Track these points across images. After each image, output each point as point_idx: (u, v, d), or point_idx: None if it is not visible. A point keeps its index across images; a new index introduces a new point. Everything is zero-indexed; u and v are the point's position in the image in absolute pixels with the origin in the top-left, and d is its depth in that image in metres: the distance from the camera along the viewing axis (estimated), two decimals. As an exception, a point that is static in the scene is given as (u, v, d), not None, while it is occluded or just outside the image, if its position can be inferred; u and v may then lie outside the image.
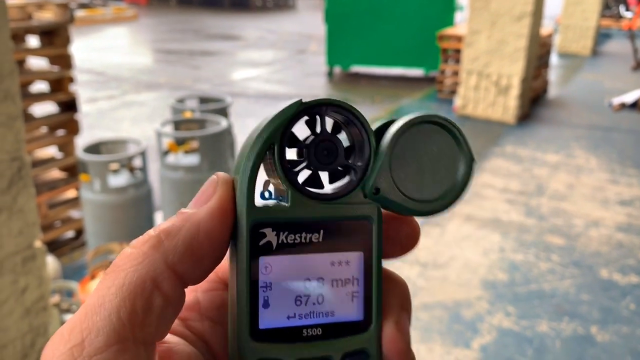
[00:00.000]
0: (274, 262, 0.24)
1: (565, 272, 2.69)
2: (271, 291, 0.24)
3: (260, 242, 0.24)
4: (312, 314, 0.25)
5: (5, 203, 1.15)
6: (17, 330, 1.25)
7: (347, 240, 0.25)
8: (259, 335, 0.24)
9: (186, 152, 2.15)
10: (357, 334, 0.25)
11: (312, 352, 0.24)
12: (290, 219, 0.24)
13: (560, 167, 3.96)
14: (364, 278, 0.25)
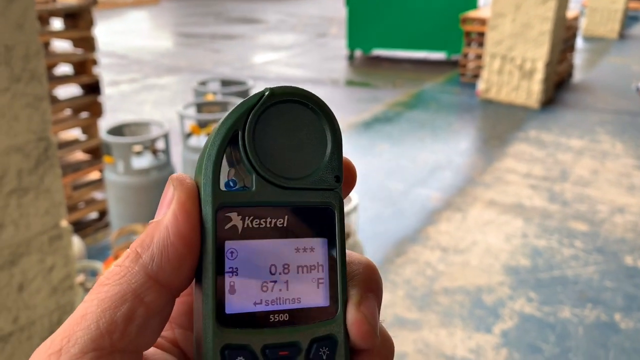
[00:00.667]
0: (240, 247, 0.24)
1: (589, 258, 2.66)
2: (237, 277, 0.24)
3: (226, 226, 0.24)
4: (278, 300, 0.25)
5: (32, 183, 1.16)
6: (45, 308, 1.27)
7: (311, 227, 0.25)
8: (225, 321, 0.24)
9: (208, 134, 2.15)
10: (324, 320, 0.25)
11: (280, 338, 0.24)
12: (255, 202, 0.25)
13: (584, 153, 3.90)
14: (329, 264, 0.26)
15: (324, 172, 0.26)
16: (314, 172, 0.26)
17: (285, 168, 0.25)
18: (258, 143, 0.25)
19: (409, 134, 4.30)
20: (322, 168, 0.26)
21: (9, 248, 1.16)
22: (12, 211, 1.14)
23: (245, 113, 0.24)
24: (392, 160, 3.77)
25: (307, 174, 0.26)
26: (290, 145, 0.25)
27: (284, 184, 0.25)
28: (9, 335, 1.22)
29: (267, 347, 0.24)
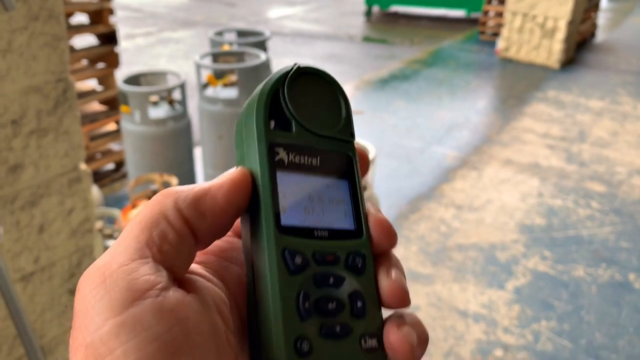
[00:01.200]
0: (287, 177, 0.29)
1: (605, 219, 2.64)
2: (286, 199, 0.29)
3: (276, 158, 0.29)
4: (318, 221, 0.30)
5: (51, 124, 1.16)
6: (65, 250, 1.29)
7: (337, 169, 0.31)
8: (282, 230, 0.28)
9: (225, 85, 2.13)
10: (354, 239, 0.30)
11: (324, 247, 0.29)
12: (296, 143, 0.30)
13: (604, 114, 3.83)
14: (352, 200, 0.31)
15: (344, 128, 0.32)
16: (336, 127, 0.32)
17: (315, 120, 0.31)
18: (294, 99, 0.31)
19: (426, 92, 4.24)
20: (342, 125, 0.32)
21: (29, 189, 1.17)
22: (31, 152, 1.15)
23: (283, 76, 0.31)
24: (409, 118, 3.73)
25: (332, 127, 0.31)
26: (316, 104, 0.31)
27: (316, 132, 0.31)
28: (30, 275, 1.24)
29: (316, 253, 0.29)
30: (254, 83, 2.10)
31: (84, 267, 1.35)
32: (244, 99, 2.09)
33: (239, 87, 2.07)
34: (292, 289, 0.27)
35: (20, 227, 1.18)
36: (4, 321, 1.20)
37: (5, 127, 1.09)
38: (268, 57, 2.25)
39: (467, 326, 2.00)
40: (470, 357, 1.87)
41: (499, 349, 1.90)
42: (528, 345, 1.92)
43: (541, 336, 1.96)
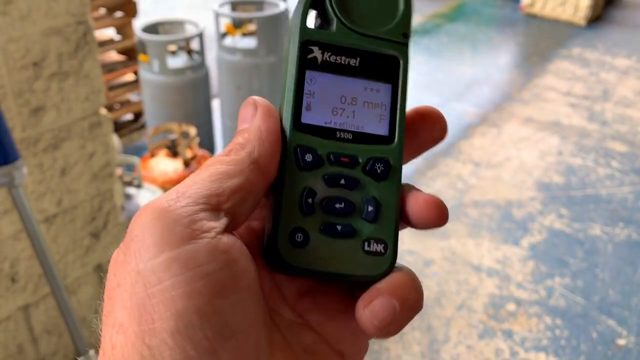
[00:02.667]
0: (318, 77, 0.29)
1: (625, 178, 2.62)
2: (313, 99, 0.29)
3: (308, 56, 0.29)
4: (345, 123, 0.29)
5: (72, 67, 1.17)
6: (86, 193, 1.31)
7: (379, 72, 0.30)
8: (300, 127, 0.29)
9: (244, 34, 2.11)
10: (381, 145, 0.30)
11: (343, 149, 0.29)
12: (334, 41, 0.29)
13: (630, 73, 3.74)
14: (391, 105, 0.30)
15: (395, 28, 0.30)
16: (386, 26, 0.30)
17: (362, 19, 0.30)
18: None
19: (447, 47, 4.17)
20: (393, 24, 0.30)
21: (51, 132, 1.19)
22: (53, 95, 1.16)
23: None
24: (429, 74, 3.68)
25: (381, 27, 0.30)
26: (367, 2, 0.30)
27: (360, 31, 0.30)
28: (53, 216, 1.27)
29: (331, 153, 0.29)
30: (273, 32, 2.07)
31: (104, 211, 1.37)
32: (263, 49, 2.07)
33: (258, 36, 2.05)
34: (299, 184, 0.28)
35: (43, 170, 1.20)
36: (29, 260, 1.24)
37: (27, 69, 1.10)
38: (287, 5, 2.22)
39: (481, 280, 2.02)
40: (482, 311, 1.89)
41: (512, 304, 1.92)
42: (541, 300, 1.94)
43: (554, 292, 1.97)
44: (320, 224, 0.28)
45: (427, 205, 0.29)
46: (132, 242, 0.24)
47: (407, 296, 0.27)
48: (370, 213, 0.29)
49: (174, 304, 0.23)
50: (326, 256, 0.28)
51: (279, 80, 2.16)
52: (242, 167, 0.27)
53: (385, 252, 0.29)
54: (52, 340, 1.37)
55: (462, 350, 1.75)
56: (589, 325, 1.84)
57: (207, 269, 0.23)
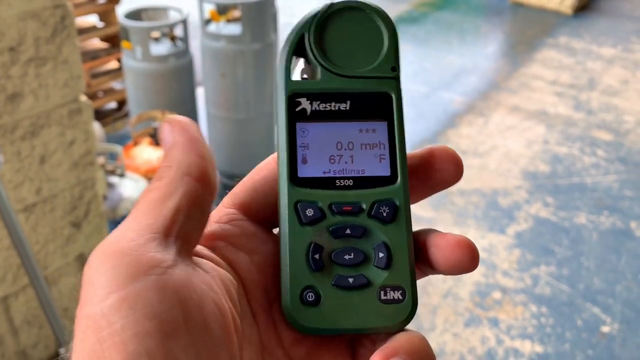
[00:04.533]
0: (310, 128, 0.29)
1: (610, 167, 2.63)
2: (308, 150, 0.29)
3: (297, 109, 0.29)
4: (344, 170, 0.29)
5: (49, 52, 1.14)
6: (66, 182, 1.29)
7: (372, 111, 0.29)
8: (297, 182, 0.28)
9: (228, 21, 2.08)
10: (384, 186, 0.29)
11: (344, 198, 0.28)
12: (320, 89, 0.29)
13: (615, 62, 3.75)
14: (389, 143, 0.29)
15: (382, 63, 0.30)
16: (372, 63, 0.30)
17: (347, 61, 0.29)
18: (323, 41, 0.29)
19: (434, 36, 4.15)
20: (380, 60, 0.30)
21: (29, 119, 1.16)
22: (30, 81, 1.13)
23: (310, 19, 0.30)
24: (416, 63, 3.66)
25: (366, 65, 0.30)
26: (350, 42, 0.30)
27: (346, 73, 0.29)
28: (32, 205, 1.24)
29: (333, 204, 0.28)
30: (258, 19, 2.05)
31: (85, 200, 1.35)
32: (248, 36, 2.04)
33: (242, 23, 2.02)
34: (303, 240, 0.28)
35: (21, 158, 1.17)
36: (8, 250, 1.21)
37: (2, 54, 1.07)
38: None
39: (467, 269, 2.02)
40: (468, 299, 1.89)
41: (498, 292, 1.93)
42: (526, 288, 1.94)
43: (540, 280, 1.98)
44: (332, 279, 0.27)
45: (460, 246, 0.27)
46: (83, 288, 0.23)
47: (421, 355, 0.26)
48: (382, 259, 0.28)
49: (124, 347, 0.22)
50: (341, 311, 0.27)
51: (263, 67, 2.13)
52: (175, 184, 0.26)
53: (404, 298, 0.28)
54: (32, 332, 1.35)
55: (448, 338, 1.75)
56: (574, 313, 1.85)
57: (156, 310, 0.22)
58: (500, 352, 1.71)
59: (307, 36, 0.29)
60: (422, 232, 0.29)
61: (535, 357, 1.70)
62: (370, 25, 0.30)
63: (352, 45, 0.30)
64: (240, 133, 2.23)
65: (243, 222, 0.30)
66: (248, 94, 2.15)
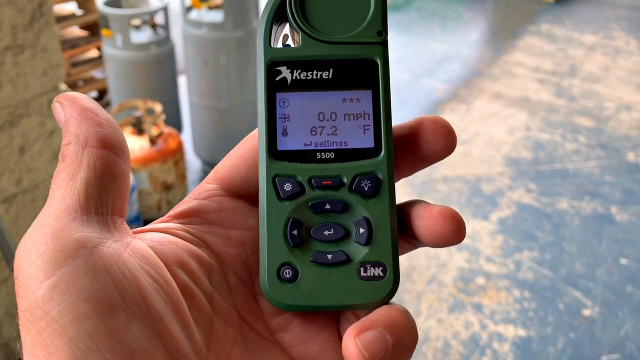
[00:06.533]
0: (291, 98, 0.27)
1: (591, 153, 2.66)
2: (289, 122, 0.27)
3: (277, 78, 0.27)
4: (326, 142, 0.28)
5: (27, 40, 1.11)
6: (47, 172, 1.27)
7: (356, 79, 0.28)
8: (276, 155, 0.27)
9: (210, 8, 2.06)
10: (367, 159, 0.28)
11: (325, 171, 0.27)
12: (301, 57, 0.27)
13: (596, 49, 3.78)
14: (374, 113, 0.28)
15: (367, 28, 0.28)
16: (357, 28, 0.28)
17: (330, 26, 0.28)
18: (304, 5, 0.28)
19: (417, 23, 4.15)
20: (365, 24, 0.28)
21: (7, 108, 1.14)
22: (8, 69, 1.10)
23: None
24: (399, 50, 3.66)
25: (351, 30, 0.28)
26: (334, 6, 0.28)
27: (328, 39, 0.28)
28: (12, 196, 1.22)
29: (312, 178, 0.27)
30: (240, 5, 2.03)
31: (67, 190, 1.33)
32: (230, 23, 2.02)
33: (224, 10, 2.00)
34: (281, 216, 0.27)
35: (0, 148, 1.15)
36: (-12, 242, 1.19)
37: (-22, 42, 1.04)
38: (255, -20, 2.17)
39: (451, 255, 2.03)
40: (452, 284, 1.91)
41: (481, 277, 1.95)
42: (509, 273, 1.96)
43: (522, 265, 2.00)
44: (310, 255, 0.27)
45: (443, 217, 0.26)
46: (15, 282, 0.23)
47: (403, 336, 0.25)
48: (363, 235, 0.27)
49: (65, 332, 0.21)
50: (320, 288, 0.27)
51: (246, 54, 2.12)
52: (78, 159, 0.25)
53: (385, 275, 0.27)
54: (15, 324, 1.33)
55: (433, 323, 1.77)
56: (555, 297, 1.88)
57: (90, 290, 0.22)
58: (484, 336, 1.73)
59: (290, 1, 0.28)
60: (407, 204, 0.29)
61: (519, 341, 1.72)
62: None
63: (336, 9, 0.28)
64: (223, 122, 2.21)
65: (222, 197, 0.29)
66: (231, 82, 2.13)
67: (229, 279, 0.28)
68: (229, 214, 0.29)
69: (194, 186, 2.36)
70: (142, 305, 0.23)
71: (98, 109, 0.26)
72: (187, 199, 0.29)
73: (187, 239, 0.28)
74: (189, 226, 0.28)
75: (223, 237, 0.28)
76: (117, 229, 0.25)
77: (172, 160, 1.95)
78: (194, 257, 0.27)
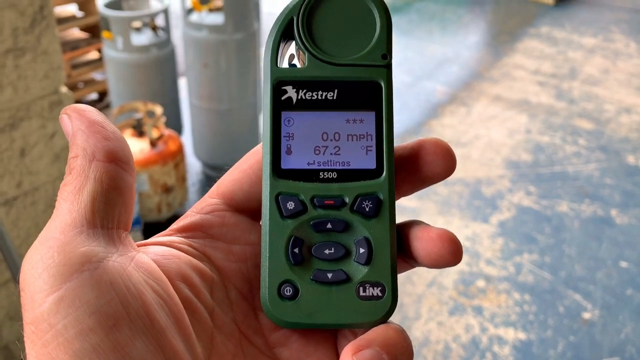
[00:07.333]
0: (295, 117, 0.28)
1: (591, 156, 2.66)
2: (293, 141, 0.28)
3: (282, 97, 0.28)
4: (329, 162, 0.28)
5: (28, 43, 1.12)
6: (48, 175, 1.27)
7: (360, 100, 0.29)
8: (280, 174, 0.28)
9: (210, 10, 2.06)
10: (369, 180, 0.28)
11: (327, 191, 0.28)
12: (307, 77, 0.28)
13: (596, 51, 3.79)
14: (376, 134, 0.29)
15: (372, 50, 0.29)
16: (362, 50, 0.29)
17: (336, 47, 0.28)
18: (311, 26, 0.28)
19: (417, 26, 4.16)
20: (370, 47, 0.29)
21: (8, 111, 1.14)
22: (9, 72, 1.10)
23: (300, 1, 0.28)
24: (399, 52, 3.66)
25: (357, 52, 0.29)
26: (341, 28, 0.29)
27: (334, 61, 0.28)
28: (13, 199, 1.22)
29: (315, 197, 0.28)
30: (240, 8, 2.03)
31: (68, 193, 1.33)
32: (230, 25, 2.03)
33: (225, 12, 2.00)
34: (283, 234, 0.27)
35: (0, 150, 1.15)
36: (-12, 245, 1.19)
37: (-21, 45, 1.04)
38: (255, -18, 2.17)
39: (451, 258, 2.03)
40: (452, 287, 1.91)
41: (481, 280, 1.94)
42: (509, 276, 1.96)
43: (523, 268, 2.00)
44: (311, 273, 0.27)
45: (442, 240, 0.27)
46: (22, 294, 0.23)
47: (399, 355, 0.25)
48: (363, 255, 0.27)
49: (70, 346, 0.22)
50: (319, 306, 0.27)
51: (246, 57, 2.12)
52: (85, 172, 0.25)
53: (383, 295, 0.27)
54: (15, 327, 1.34)
55: (433, 326, 1.77)
56: (556, 300, 1.88)
57: (95, 304, 0.22)
58: (484, 339, 1.73)
59: (296, 20, 0.28)
60: (406, 224, 0.29)
61: (519, 344, 1.72)
62: (362, 10, 0.29)
63: (342, 30, 0.29)
64: (224, 124, 2.21)
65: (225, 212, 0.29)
66: (231, 84, 2.13)
67: (230, 294, 0.28)
68: (232, 228, 0.29)
69: (194, 188, 2.37)
70: (146, 319, 0.23)
71: (105, 122, 0.26)
72: (190, 212, 0.30)
73: (189, 252, 0.28)
74: (191, 240, 0.29)
75: (225, 252, 0.29)
76: (122, 243, 0.25)
77: (172, 163, 1.95)
78: (197, 272, 0.27)
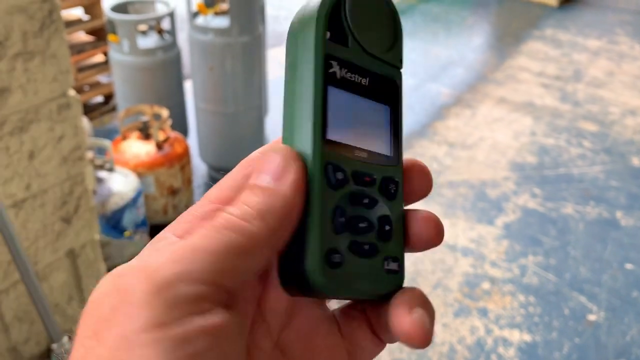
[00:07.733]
0: (336, 93, 0.29)
1: (596, 158, 2.66)
2: (333, 115, 0.28)
3: (329, 70, 0.28)
4: (360, 141, 0.29)
5: (37, 47, 1.13)
6: (56, 177, 1.28)
7: (383, 94, 0.31)
8: (327, 142, 0.28)
9: (216, 13, 2.07)
10: (389, 165, 0.30)
11: (363, 168, 0.29)
12: (350, 59, 0.29)
13: (601, 53, 3.79)
14: (391, 127, 0.31)
15: (394, 53, 0.31)
16: (388, 51, 0.31)
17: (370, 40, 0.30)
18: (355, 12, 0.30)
19: (421, 28, 4.16)
20: (393, 50, 0.31)
21: (17, 114, 1.15)
22: (18, 75, 1.12)
23: None
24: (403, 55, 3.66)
25: (384, 51, 0.31)
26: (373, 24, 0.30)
27: (370, 51, 0.30)
28: (22, 201, 1.23)
29: (355, 171, 0.29)
30: (246, 11, 2.04)
31: (75, 195, 1.34)
32: (236, 28, 2.03)
33: (230, 15, 2.01)
34: (330, 202, 0.28)
35: (10, 153, 1.16)
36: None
37: (-10, 49, 1.06)
38: (260, -14, 2.18)
39: (456, 260, 2.03)
40: (457, 289, 1.91)
41: (486, 282, 1.95)
42: (514, 278, 1.96)
43: (527, 270, 2.00)
44: (350, 244, 0.28)
45: (427, 222, 0.29)
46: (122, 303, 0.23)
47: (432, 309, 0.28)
48: (388, 232, 0.29)
49: None
50: (356, 277, 0.28)
51: (251, 60, 2.13)
52: (260, 243, 0.25)
53: (399, 269, 0.30)
54: (23, 328, 1.35)
55: (438, 328, 1.77)
56: (560, 302, 1.88)
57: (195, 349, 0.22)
58: (490, 341, 1.74)
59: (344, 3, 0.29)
60: None
61: (524, 346, 1.72)
62: (387, 12, 0.31)
63: (375, 26, 0.30)
64: (229, 127, 2.22)
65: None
66: (236, 87, 2.14)
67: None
68: None
69: (200, 190, 2.37)
70: None
71: None
72: None
73: None
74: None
75: None
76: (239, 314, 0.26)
77: (178, 165, 1.96)
78: None
